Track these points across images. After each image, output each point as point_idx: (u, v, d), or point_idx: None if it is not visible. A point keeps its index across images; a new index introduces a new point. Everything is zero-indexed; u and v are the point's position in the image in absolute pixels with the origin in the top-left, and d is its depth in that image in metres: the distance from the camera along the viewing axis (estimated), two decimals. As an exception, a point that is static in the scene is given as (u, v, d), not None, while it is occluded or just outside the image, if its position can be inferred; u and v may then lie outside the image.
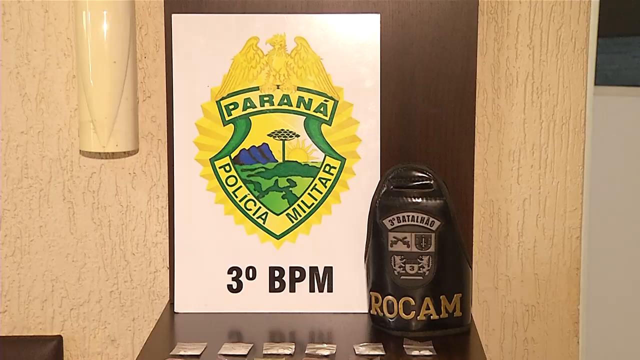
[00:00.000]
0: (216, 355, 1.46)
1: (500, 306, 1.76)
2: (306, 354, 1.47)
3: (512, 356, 1.76)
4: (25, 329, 1.77)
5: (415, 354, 1.48)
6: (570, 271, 1.75)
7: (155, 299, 1.77)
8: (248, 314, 1.66)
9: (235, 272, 1.67)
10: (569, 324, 1.76)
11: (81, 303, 1.77)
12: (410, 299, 1.55)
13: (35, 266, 1.76)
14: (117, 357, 1.78)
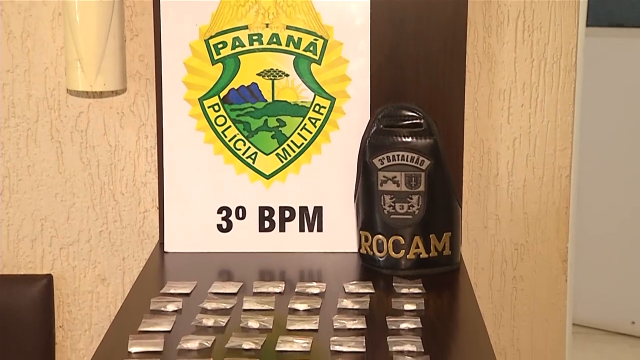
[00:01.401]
0: (206, 293, 1.47)
1: (489, 245, 1.77)
2: (296, 292, 1.48)
3: (500, 294, 1.77)
4: (15, 267, 1.77)
5: (404, 292, 1.49)
6: (559, 210, 1.75)
7: (145, 239, 1.77)
8: (238, 254, 1.67)
9: (224, 211, 1.67)
10: (557, 263, 1.77)
11: (71, 242, 1.77)
12: (400, 237, 1.55)
13: (23, 205, 1.76)
14: (107, 296, 1.79)
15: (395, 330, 1.33)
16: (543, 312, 1.77)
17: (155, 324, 1.35)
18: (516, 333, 1.78)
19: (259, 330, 1.33)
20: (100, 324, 1.77)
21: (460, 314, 1.49)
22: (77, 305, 1.78)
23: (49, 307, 1.71)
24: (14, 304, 1.67)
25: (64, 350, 1.78)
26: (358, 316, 1.38)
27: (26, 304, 1.68)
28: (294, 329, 1.34)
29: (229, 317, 1.37)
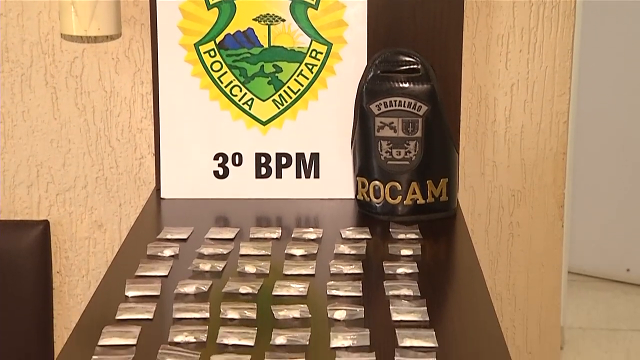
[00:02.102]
0: (203, 239, 1.47)
1: (486, 191, 1.77)
2: (293, 238, 1.48)
3: (497, 240, 1.78)
4: (11, 213, 1.76)
5: (401, 237, 1.49)
6: (556, 156, 1.75)
7: (141, 185, 1.77)
8: (234, 200, 1.67)
9: (221, 158, 1.66)
10: (554, 209, 1.77)
11: (67, 188, 1.77)
12: (397, 183, 1.55)
13: (19, 151, 1.75)
14: (104, 242, 1.79)
15: (391, 275, 1.34)
16: (539, 258, 1.78)
17: (152, 269, 1.35)
18: (512, 278, 1.79)
19: (256, 275, 1.34)
20: (97, 269, 1.77)
21: (456, 260, 1.50)
22: (74, 251, 1.79)
23: (46, 252, 1.71)
24: (11, 249, 1.68)
25: (62, 295, 1.79)
26: (355, 261, 1.38)
27: (23, 250, 1.69)
28: (291, 274, 1.34)
29: (225, 262, 1.38)
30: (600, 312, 3.29)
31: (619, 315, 3.27)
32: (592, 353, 2.98)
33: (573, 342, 3.04)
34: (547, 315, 1.79)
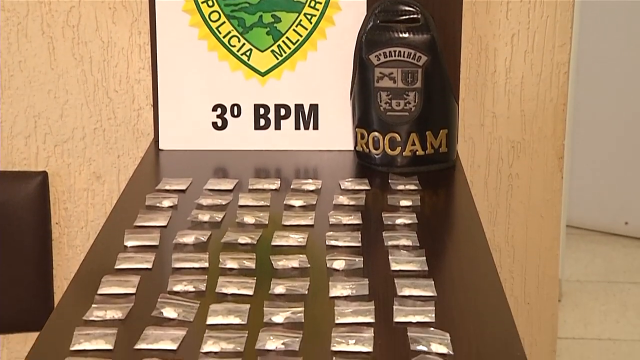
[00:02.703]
0: (201, 190, 1.46)
1: (485, 143, 1.76)
2: (291, 189, 1.47)
3: (496, 192, 1.78)
4: (9, 164, 1.76)
5: (400, 188, 1.48)
6: (556, 107, 1.74)
7: (139, 137, 1.76)
8: (233, 151, 1.66)
9: (219, 109, 1.65)
10: (553, 160, 1.76)
11: (65, 140, 1.76)
12: (396, 134, 1.54)
13: (16, 102, 1.74)
14: (103, 193, 1.79)
15: (390, 225, 1.34)
16: (538, 209, 1.78)
17: (150, 219, 1.35)
18: (511, 230, 1.79)
19: (255, 225, 1.34)
20: (96, 221, 1.77)
21: (455, 211, 1.50)
22: (72, 202, 1.78)
23: (45, 204, 1.71)
24: (10, 200, 1.68)
25: (61, 246, 1.79)
26: (354, 212, 1.38)
27: (22, 201, 1.68)
28: (290, 225, 1.34)
29: (224, 212, 1.37)
30: (598, 265, 3.31)
31: (616, 268, 3.28)
32: (590, 306, 3.00)
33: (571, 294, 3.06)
34: (545, 267, 1.80)
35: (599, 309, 2.98)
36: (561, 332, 2.77)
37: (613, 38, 3.38)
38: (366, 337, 1.02)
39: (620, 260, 3.35)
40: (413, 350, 0.99)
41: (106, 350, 0.99)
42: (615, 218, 3.52)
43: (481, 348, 1.01)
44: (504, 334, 1.04)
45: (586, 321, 2.90)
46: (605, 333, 2.82)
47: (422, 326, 1.04)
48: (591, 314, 2.95)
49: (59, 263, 1.79)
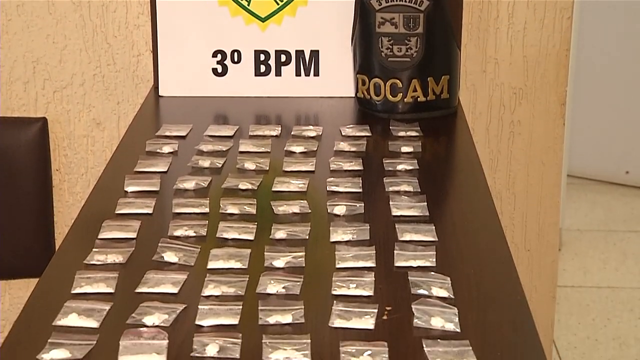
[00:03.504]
0: (202, 136, 1.46)
1: (487, 89, 1.75)
2: (292, 135, 1.47)
3: (497, 139, 1.77)
4: (8, 110, 1.75)
5: (401, 135, 1.48)
6: (559, 53, 1.72)
7: (139, 83, 1.75)
8: (233, 98, 1.65)
9: (220, 55, 1.64)
10: (555, 106, 1.75)
11: (64, 86, 1.75)
12: (398, 80, 1.53)
13: (14, 47, 1.72)
14: (102, 140, 1.78)
15: (391, 171, 1.33)
16: (540, 156, 1.77)
17: (151, 165, 1.34)
18: (512, 177, 1.78)
19: (255, 171, 1.33)
20: (96, 167, 1.77)
21: (457, 157, 1.49)
22: (72, 149, 1.78)
23: (45, 150, 1.70)
24: (9, 146, 1.67)
25: (62, 193, 1.79)
26: (355, 158, 1.37)
27: (22, 147, 1.68)
28: (291, 171, 1.33)
29: (225, 158, 1.37)
30: (598, 214, 3.31)
31: (616, 217, 3.28)
32: (589, 254, 3.01)
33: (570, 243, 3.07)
34: (546, 214, 1.80)
35: (599, 257, 2.99)
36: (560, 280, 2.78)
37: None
38: (367, 281, 1.02)
39: (620, 209, 3.35)
40: (414, 294, 0.99)
41: (107, 293, 1.00)
42: (615, 167, 3.52)
43: (482, 292, 1.01)
44: (504, 279, 1.04)
45: (585, 269, 2.91)
46: (605, 281, 2.84)
47: (423, 270, 1.04)
48: (591, 263, 2.96)
49: (60, 210, 1.79)
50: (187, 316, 0.95)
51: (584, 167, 3.53)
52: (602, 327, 2.57)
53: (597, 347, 2.47)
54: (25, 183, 1.68)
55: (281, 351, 0.89)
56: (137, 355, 0.88)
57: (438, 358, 0.88)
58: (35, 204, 1.69)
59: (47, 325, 0.93)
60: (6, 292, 1.83)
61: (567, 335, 2.51)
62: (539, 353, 0.89)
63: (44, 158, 1.70)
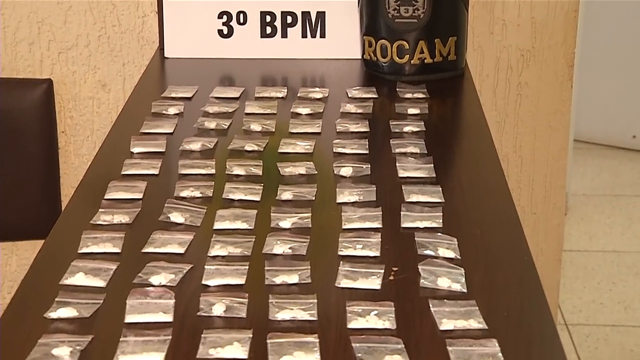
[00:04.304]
0: (208, 97, 1.45)
1: (495, 51, 1.74)
2: (298, 97, 1.46)
3: (504, 102, 1.76)
4: (14, 71, 1.74)
5: (408, 96, 1.47)
6: (567, 14, 1.71)
7: (144, 44, 1.74)
8: (239, 60, 1.64)
9: (225, 16, 1.63)
10: (563, 68, 1.74)
11: (69, 47, 1.74)
12: (404, 42, 1.52)
13: (19, 7, 1.71)
14: (108, 102, 1.77)
15: (398, 133, 1.33)
16: (547, 119, 1.76)
17: (157, 126, 1.34)
18: (519, 140, 1.77)
19: (262, 133, 1.33)
20: (102, 129, 1.76)
21: (464, 119, 1.49)
22: (78, 111, 1.77)
23: (50, 112, 1.70)
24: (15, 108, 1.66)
25: (68, 155, 1.79)
26: (361, 120, 1.37)
27: (27, 109, 1.67)
28: (297, 132, 1.33)
29: (231, 120, 1.36)
30: (605, 179, 3.30)
31: (623, 181, 3.28)
32: (595, 219, 3.00)
33: (576, 208, 3.07)
34: (552, 177, 1.79)
35: (605, 222, 2.99)
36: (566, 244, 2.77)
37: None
38: (373, 242, 1.01)
39: (626, 174, 3.34)
40: (420, 255, 0.99)
41: (114, 253, 1.00)
42: (622, 131, 3.50)
43: (488, 253, 1.01)
44: (511, 239, 1.04)
45: (591, 234, 2.91)
46: (610, 245, 2.84)
47: (430, 231, 1.04)
48: (596, 227, 2.95)
49: (66, 172, 1.79)
50: (193, 276, 0.95)
51: (590, 132, 3.52)
52: (608, 290, 2.57)
53: (602, 310, 2.47)
54: (31, 145, 1.67)
55: (288, 311, 0.89)
56: (144, 314, 0.88)
57: (444, 318, 0.88)
58: (41, 166, 1.69)
59: (54, 285, 0.93)
60: (13, 254, 1.83)
61: (572, 299, 2.52)
62: (546, 313, 0.89)
63: (49, 120, 1.69)
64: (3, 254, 1.82)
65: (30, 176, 1.68)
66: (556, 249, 1.83)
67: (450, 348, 0.83)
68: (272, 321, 0.87)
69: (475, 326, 0.86)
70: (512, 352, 0.82)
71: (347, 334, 0.85)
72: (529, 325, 0.87)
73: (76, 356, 0.82)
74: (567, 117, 1.76)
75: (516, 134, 1.77)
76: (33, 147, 1.68)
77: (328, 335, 0.85)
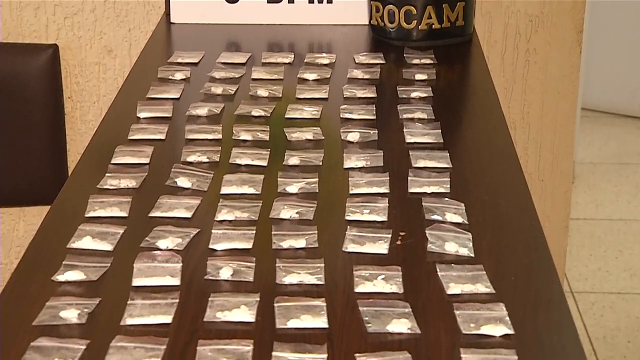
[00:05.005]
0: (214, 63, 1.44)
1: (503, 17, 1.72)
2: (305, 63, 1.45)
3: (512, 68, 1.75)
4: (19, 36, 1.73)
5: (415, 62, 1.46)
6: (577, -21, 1.70)
7: (150, 10, 1.73)
8: (245, 25, 1.63)
9: (232, -19, 1.62)
10: (572, 34, 1.72)
11: (75, 12, 1.73)
12: (412, 7, 1.51)
13: (24, -27, 1.71)
14: (114, 67, 1.77)
15: (405, 99, 1.32)
16: (555, 85, 1.75)
17: (163, 92, 1.33)
18: (527, 107, 1.77)
19: (268, 98, 1.32)
20: (108, 95, 1.76)
21: (471, 85, 1.48)
22: (84, 76, 1.77)
23: (56, 77, 1.69)
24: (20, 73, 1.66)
25: (74, 121, 1.78)
26: (368, 86, 1.36)
27: (33, 74, 1.67)
28: (304, 98, 1.32)
29: (237, 86, 1.36)
30: (612, 147, 3.29)
31: (630, 150, 3.27)
32: (602, 187, 3.00)
33: (583, 177, 3.06)
34: (560, 144, 1.78)
35: (611, 190, 2.98)
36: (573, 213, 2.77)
37: None
38: (381, 207, 1.01)
39: (633, 142, 3.33)
40: (428, 219, 0.99)
41: (121, 217, 1.00)
42: (630, 100, 3.48)
43: (496, 217, 1.00)
44: (519, 204, 1.03)
45: (598, 202, 2.90)
46: (617, 214, 2.83)
47: (437, 196, 1.04)
48: (603, 195, 2.95)
49: (72, 138, 1.78)
50: (200, 240, 0.95)
51: (597, 100, 3.50)
52: (614, 258, 2.57)
53: (608, 278, 2.47)
54: (37, 111, 1.67)
55: (295, 275, 0.89)
56: (151, 278, 0.88)
57: (452, 282, 0.88)
58: (47, 132, 1.69)
59: (62, 248, 0.93)
60: (20, 219, 1.83)
61: (579, 267, 2.52)
62: (553, 277, 0.89)
63: (55, 85, 1.69)
64: (10, 220, 1.83)
65: (36, 142, 1.68)
66: (563, 216, 1.82)
67: (457, 312, 0.83)
68: (280, 285, 0.87)
69: (482, 290, 0.86)
70: (520, 316, 0.82)
71: (354, 298, 0.85)
72: (536, 289, 0.87)
73: (84, 318, 0.82)
74: (575, 83, 1.75)
75: (524, 101, 1.76)
76: (39, 113, 1.67)
77: (335, 299, 0.85)
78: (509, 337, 0.80)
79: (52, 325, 0.81)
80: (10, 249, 1.84)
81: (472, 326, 0.81)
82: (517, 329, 0.80)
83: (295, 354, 0.77)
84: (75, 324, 0.81)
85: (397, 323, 0.81)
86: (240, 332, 0.80)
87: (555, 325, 0.82)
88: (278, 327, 0.81)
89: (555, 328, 0.82)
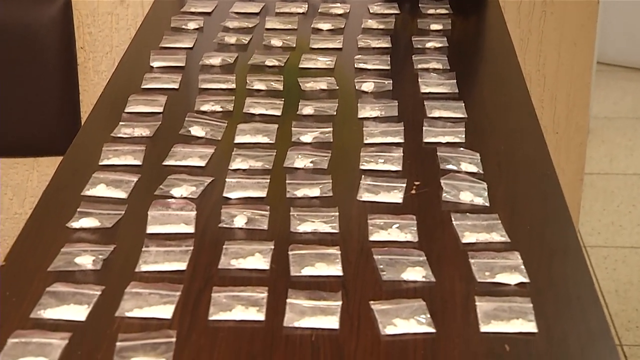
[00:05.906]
0: (228, 12, 1.43)
1: (519, -31, 1.70)
2: (319, 13, 1.44)
3: (529, 18, 1.72)
4: (31, -14, 1.72)
5: (431, 12, 1.45)
6: None
7: (163, -41, 1.71)
8: (259, -25, 1.61)
9: None
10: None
11: (87, -39, 1.72)
12: (428, -44, 1.49)
13: None
14: (127, 17, 1.75)
15: (420, 49, 1.31)
16: (572, 36, 1.73)
17: (176, 41, 1.32)
18: (542, 58, 1.75)
19: (282, 48, 1.31)
20: (121, 46, 1.75)
21: (487, 35, 1.46)
22: (97, 26, 1.75)
23: (69, 27, 1.68)
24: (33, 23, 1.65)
25: (87, 71, 1.78)
26: (383, 36, 1.35)
27: (45, 24, 1.65)
28: (318, 48, 1.31)
29: (251, 35, 1.35)
30: (627, 101, 3.26)
31: (646, 104, 3.24)
32: (617, 142, 2.98)
33: (598, 131, 3.04)
34: (576, 96, 1.77)
35: (626, 144, 2.96)
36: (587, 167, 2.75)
37: None
38: (395, 156, 1.01)
39: (650, 97, 3.30)
40: (442, 169, 0.98)
41: (135, 165, 0.99)
42: (646, 54, 3.45)
43: (511, 167, 1.00)
44: (534, 154, 1.03)
45: (612, 157, 2.88)
46: (631, 168, 2.82)
47: (452, 146, 1.03)
48: (617, 150, 2.93)
49: (85, 88, 1.78)
50: (214, 189, 0.95)
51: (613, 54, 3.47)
52: (627, 213, 2.56)
53: (621, 232, 2.46)
54: (50, 61, 1.66)
55: (309, 223, 0.89)
56: (165, 225, 0.88)
57: (466, 231, 0.87)
58: (60, 82, 1.68)
59: (76, 195, 0.93)
60: (34, 170, 1.84)
61: (592, 222, 2.51)
62: (569, 226, 0.88)
63: (68, 35, 1.68)
64: (24, 170, 1.83)
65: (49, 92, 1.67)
66: (578, 169, 1.81)
67: (472, 260, 0.83)
68: (294, 233, 0.87)
69: (497, 239, 0.86)
70: (534, 264, 0.82)
71: (368, 246, 0.85)
72: (551, 238, 0.87)
73: (99, 265, 0.82)
74: (592, 34, 1.73)
75: (540, 52, 1.75)
76: (52, 63, 1.66)
77: (349, 248, 0.85)
78: (524, 286, 0.80)
79: (68, 271, 0.82)
80: (24, 199, 1.85)
81: (487, 274, 0.81)
82: (532, 277, 0.80)
83: (310, 301, 0.77)
84: (90, 270, 0.82)
85: (411, 271, 0.81)
86: (255, 280, 0.81)
87: (570, 274, 0.82)
88: (292, 274, 0.81)
89: (571, 277, 0.81)
